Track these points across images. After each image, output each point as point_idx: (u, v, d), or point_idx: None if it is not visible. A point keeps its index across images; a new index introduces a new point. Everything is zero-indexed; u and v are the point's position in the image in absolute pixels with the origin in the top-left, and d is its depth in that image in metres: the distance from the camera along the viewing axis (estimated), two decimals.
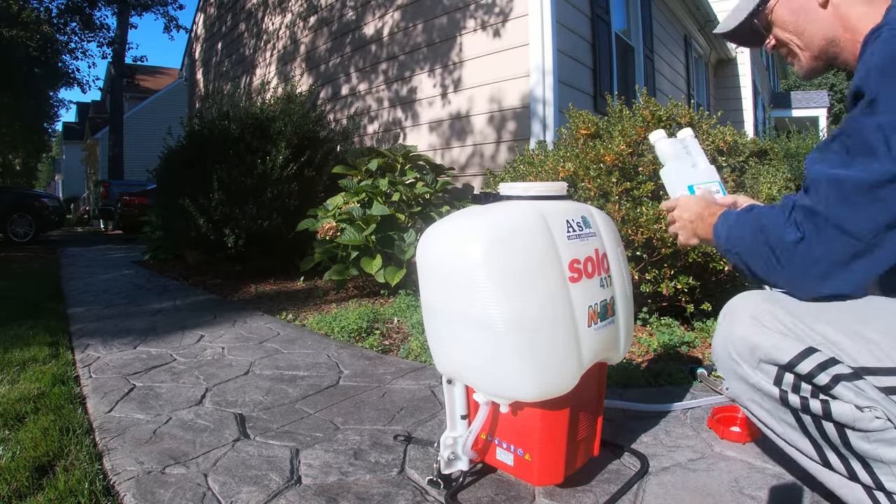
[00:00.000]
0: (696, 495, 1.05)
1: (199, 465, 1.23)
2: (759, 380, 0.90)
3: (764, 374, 0.90)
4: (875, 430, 0.82)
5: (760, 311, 0.90)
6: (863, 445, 0.84)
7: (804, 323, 0.86)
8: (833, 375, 0.83)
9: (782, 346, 0.86)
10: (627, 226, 2.07)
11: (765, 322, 0.89)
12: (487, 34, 3.87)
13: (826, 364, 0.83)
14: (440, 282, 0.98)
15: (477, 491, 1.09)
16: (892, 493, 0.84)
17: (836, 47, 0.94)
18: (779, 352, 0.86)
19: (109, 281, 4.47)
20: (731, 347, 0.93)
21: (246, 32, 7.10)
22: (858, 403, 0.82)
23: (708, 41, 8.42)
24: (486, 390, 0.97)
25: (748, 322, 0.90)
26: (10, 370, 1.96)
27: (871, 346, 0.81)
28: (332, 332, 2.47)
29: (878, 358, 0.81)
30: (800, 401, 0.87)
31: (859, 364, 0.82)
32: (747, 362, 0.91)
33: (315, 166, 4.06)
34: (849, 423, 0.84)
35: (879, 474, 0.85)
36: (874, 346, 0.81)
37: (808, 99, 13.28)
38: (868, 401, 0.82)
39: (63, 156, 31.13)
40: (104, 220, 14.69)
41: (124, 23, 15.94)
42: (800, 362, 0.85)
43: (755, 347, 0.89)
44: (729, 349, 0.94)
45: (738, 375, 0.94)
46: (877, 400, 0.81)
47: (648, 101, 2.39)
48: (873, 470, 0.85)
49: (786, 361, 0.86)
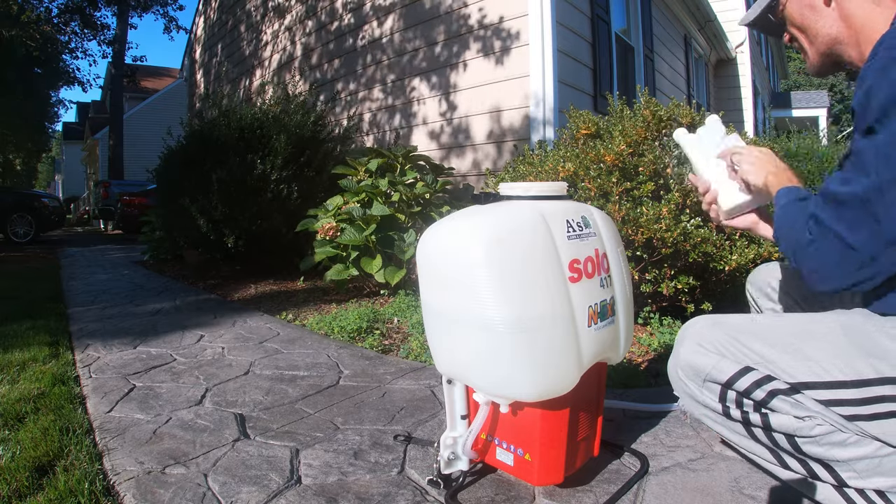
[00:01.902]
0: (696, 495, 1.05)
1: (199, 465, 1.23)
2: (706, 398, 1.00)
3: (709, 391, 0.99)
4: (819, 434, 0.87)
5: (703, 336, 0.99)
6: (815, 449, 0.90)
7: (742, 343, 0.94)
8: (768, 391, 0.90)
9: (721, 366, 0.95)
10: (627, 226, 2.07)
11: (705, 345, 0.98)
12: (487, 34, 3.87)
13: (761, 381, 0.91)
14: (440, 282, 0.98)
15: (477, 491, 1.09)
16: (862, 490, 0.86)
17: (841, 45, 0.95)
18: (718, 372, 0.95)
19: (109, 281, 4.47)
20: (680, 370, 1.02)
21: (246, 34, 7.10)
22: (797, 414, 0.89)
23: (708, 41, 8.42)
24: (486, 390, 0.97)
25: (692, 346, 0.99)
26: (10, 370, 1.96)
27: (809, 363, 0.87)
28: (332, 332, 2.47)
29: (816, 373, 0.86)
30: (741, 414, 0.96)
31: (796, 380, 0.88)
32: (694, 382, 1.01)
33: (315, 166, 4.06)
34: (791, 432, 0.90)
35: (840, 472, 0.90)
36: (812, 363, 0.87)
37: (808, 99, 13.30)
38: (806, 411, 0.88)
39: (63, 156, 31.13)
40: (104, 220, 14.68)
41: (124, 23, 15.94)
42: (737, 380, 0.93)
43: (699, 369, 0.98)
44: (678, 371, 1.03)
45: (688, 395, 1.03)
46: (816, 411, 0.87)
47: (649, 101, 2.39)
48: (834, 469, 0.90)
49: (725, 380, 0.95)
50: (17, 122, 17.90)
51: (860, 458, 0.86)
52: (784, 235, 0.94)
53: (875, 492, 0.87)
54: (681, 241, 2.05)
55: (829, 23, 0.94)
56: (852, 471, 0.87)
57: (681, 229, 2.03)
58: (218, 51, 8.06)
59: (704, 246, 2.05)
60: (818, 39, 0.97)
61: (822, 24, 0.95)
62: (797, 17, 0.99)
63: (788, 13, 1.01)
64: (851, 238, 0.80)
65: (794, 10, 0.99)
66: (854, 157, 0.82)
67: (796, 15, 0.99)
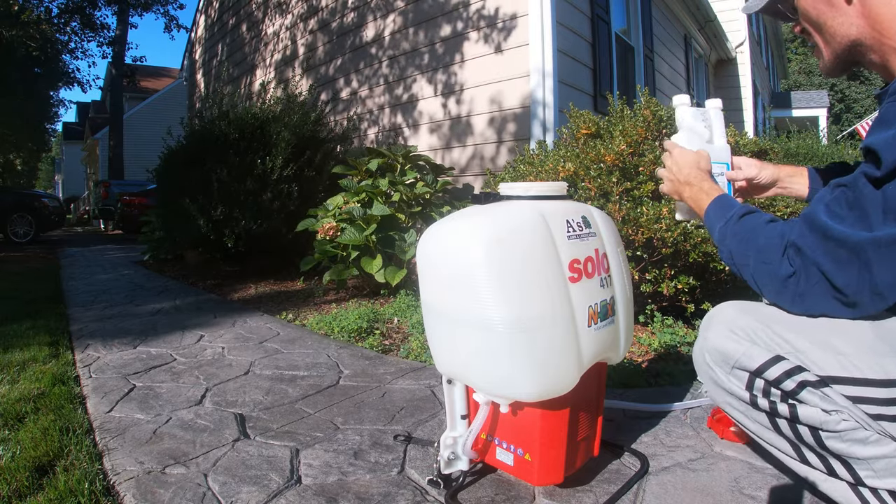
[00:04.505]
0: (696, 495, 1.05)
1: (199, 465, 1.23)
2: (732, 385, 0.96)
3: (737, 379, 0.95)
4: (844, 430, 0.85)
5: (734, 322, 0.95)
6: (837, 445, 0.87)
7: (774, 332, 0.90)
8: (799, 382, 0.87)
9: (752, 353, 0.92)
10: (628, 226, 2.07)
11: (737, 331, 0.94)
12: (487, 34, 3.87)
13: (792, 371, 0.88)
14: (440, 282, 0.98)
15: (477, 491, 1.09)
16: (876, 490, 0.86)
17: (862, 48, 0.85)
18: (749, 359, 0.92)
19: (109, 281, 4.47)
20: (707, 355, 0.99)
21: (246, 34, 7.10)
22: (825, 408, 0.86)
23: (708, 41, 8.42)
24: (485, 390, 0.97)
25: (722, 331, 0.96)
26: (10, 370, 1.96)
27: (839, 357, 0.84)
28: (332, 332, 2.47)
29: (846, 368, 0.84)
30: (769, 404, 0.93)
31: (826, 373, 0.85)
32: (721, 368, 0.97)
33: (315, 166, 4.06)
34: (816, 425, 0.88)
35: (858, 470, 0.88)
36: (842, 357, 0.84)
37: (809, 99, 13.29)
38: (834, 405, 0.85)
39: (63, 156, 31.13)
40: (104, 220, 14.69)
41: (124, 23, 15.94)
42: (767, 369, 0.90)
43: (728, 355, 0.95)
44: (705, 356, 1.00)
45: (713, 381, 1.00)
46: (843, 406, 0.85)
47: (649, 100, 2.39)
48: (852, 466, 0.88)
49: (755, 368, 0.92)
50: (18, 122, 17.93)
51: (879, 458, 0.84)
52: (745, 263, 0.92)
53: (888, 492, 0.85)
54: (681, 241, 2.05)
55: (850, 21, 0.84)
56: (870, 469, 0.85)
57: (681, 229, 2.03)
58: (218, 50, 8.06)
59: (705, 246, 2.05)
60: (835, 40, 0.87)
61: (839, 23, 0.85)
62: (811, 11, 0.89)
63: (801, 5, 0.90)
64: (838, 279, 0.78)
65: (808, 3, 0.89)
66: (853, 194, 0.78)
67: (810, 8, 0.89)
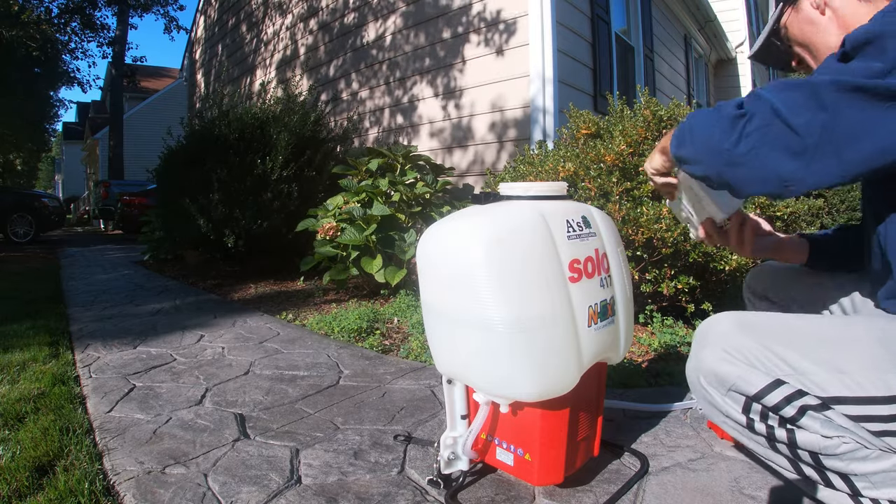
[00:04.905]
0: (696, 495, 1.05)
1: (199, 465, 1.23)
2: (728, 408, 0.92)
3: (733, 402, 0.91)
4: (844, 452, 0.83)
5: (729, 341, 0.90)
6: (836, 464, 0.85)
7: (774, 353, 0.86)
8: (799, 407, 0.84)
9: (749, 378, 0.87)
10: (628, 226, 2.07)
11: (732, 353, 0.89)
12: (487, 34, 3.87)
13: (792, 397, 0.84)
14: (440, 282, 0.98)
15: (477, 491, 1.09)
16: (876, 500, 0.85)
17: None
18: (746, 384, 0.87)
19: (109, 281, 4.47)
20: (702, 376, 0.94)
21: (247, 35, 7.10)
22: (825, 434, 0.83)
23: (708, 41, 8.42)
24: (486, 390, 0.97)
25: (717, 353, 0.91)
26: (10, 370, 1.96)
27: (842, 376, 0.82)
28: (332, 332, 2.47)
29: (849, 387, 0.81)
30: (766, 429, 0.89)
31: (828, 394, 0.82)
32: (717, 390, 0.93)
33: (315, 166, 4.05)
34: (816, 450, 0.85)
35: (857, 483, 0.86)
36: (845, 376, 0.81)
37: None
38: (834, 430, 0.83)
39: (63, 156, 31.14)
40: (104, 220, 14.69)
41: (124, 23, 15.94)
42: (767, 394, 0.86)
43: (724, 378, 0.90)
44: (699, 376, 0.95)
45: (707, 401, 0.96)
46: (846, 428, 0.82)
47: (649, 100, 2.39)
48: (851, 481, 0.87)
49: (753, 393, 0.87)
50: (18, 122, 17.93)
51: (878, 472, 0.83)
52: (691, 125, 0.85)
53: (888, 502, 0.85)
54: (681, 241, 2.05)
55: (830, 31, 0.93)
56: (868, 482, 0.85)
57: (681, 229, 2.03)
58: (218, 50, 8.06)
59: (705, 246, 2.05)
60: (821, 52, 0.96)
61: (822, 36, 0.95)
62: (799, 35, 0.99)
63: (791, 34, 1.01)
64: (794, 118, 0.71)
65: (795, 28, 0.99)
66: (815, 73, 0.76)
67: (797, 32, 0.99)
